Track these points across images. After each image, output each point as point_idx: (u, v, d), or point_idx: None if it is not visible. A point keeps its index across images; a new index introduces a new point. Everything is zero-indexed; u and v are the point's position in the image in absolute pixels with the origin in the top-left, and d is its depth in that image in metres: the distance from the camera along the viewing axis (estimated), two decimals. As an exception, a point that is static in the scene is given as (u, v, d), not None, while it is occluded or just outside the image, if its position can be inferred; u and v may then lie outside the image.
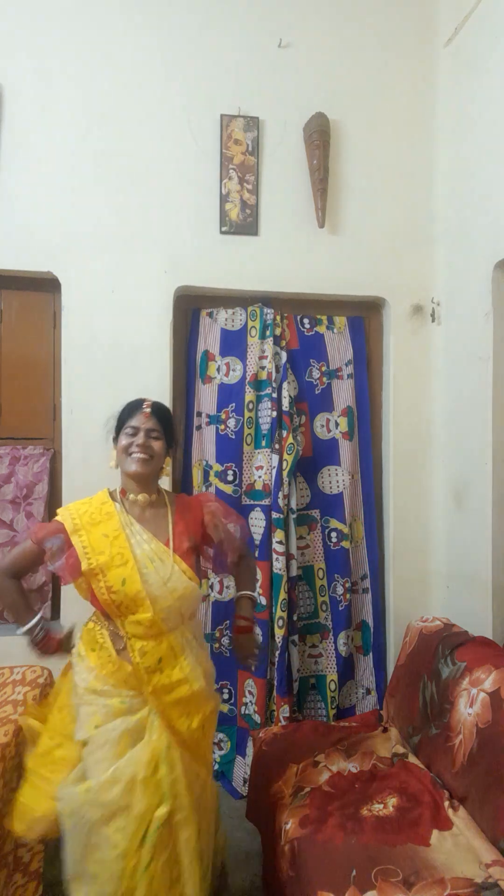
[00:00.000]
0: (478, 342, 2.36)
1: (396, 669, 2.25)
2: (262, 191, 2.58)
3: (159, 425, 1.65)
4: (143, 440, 1.61)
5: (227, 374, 2.65)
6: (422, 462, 2.69)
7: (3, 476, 2.50)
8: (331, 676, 2.63)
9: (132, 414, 1.66)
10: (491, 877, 1.44)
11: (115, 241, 2.48)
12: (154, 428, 1.63)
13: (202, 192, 2.54)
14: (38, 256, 2.43)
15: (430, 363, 2.69)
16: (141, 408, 1.65)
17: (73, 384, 2.45)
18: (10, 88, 2.41)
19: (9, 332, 2.55)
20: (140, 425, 1.63)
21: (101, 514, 1.61)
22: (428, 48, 2.68)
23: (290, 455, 2.54)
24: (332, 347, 2.72)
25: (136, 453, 1.60)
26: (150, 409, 1.64)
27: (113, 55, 2.48)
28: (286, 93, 2.59)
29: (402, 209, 2.68)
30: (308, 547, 2.68)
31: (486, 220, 2.33)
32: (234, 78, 2.56)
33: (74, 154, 2.46)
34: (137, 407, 1.66)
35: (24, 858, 1.82)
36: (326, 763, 1.94)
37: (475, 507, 2.39)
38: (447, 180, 2.64)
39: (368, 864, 1.48)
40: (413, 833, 1.61)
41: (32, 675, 2.13)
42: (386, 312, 2.73)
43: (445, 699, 1.88)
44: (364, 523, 2.73)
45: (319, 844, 1.58)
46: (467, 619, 2.27)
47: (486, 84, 2.34)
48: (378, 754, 1.98)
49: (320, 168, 2.52)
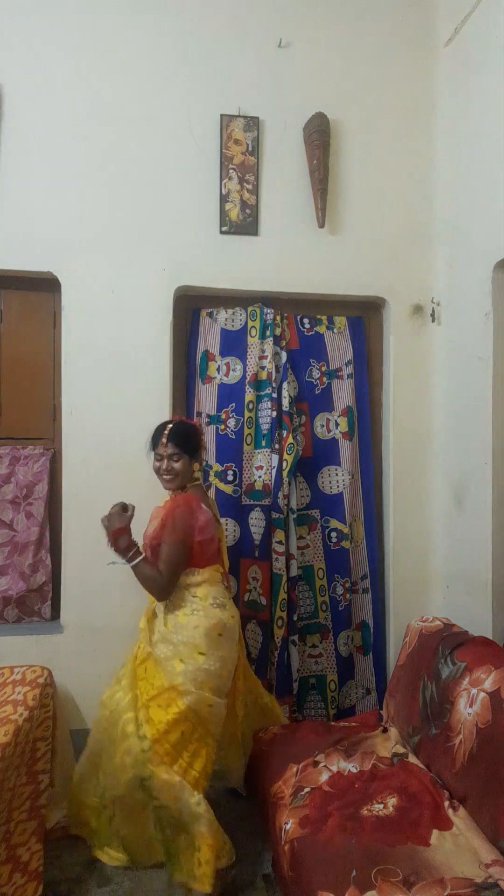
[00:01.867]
0: (478, 342, 2.36)
1: (396, 669, 2.25)
2: (262, 191, 2.58)
3: (177, 448, 2.00)
4: (166, 465, 2.02)
5: (227, 374, 2.65)
6: (422, 462, 2.69)
7: (3, 476, 2.50)
8: (331, 676, 2.63)
9: (156, 443, 2.04)
10: (491, 877, 1.44)
11: (115, 241, 2.48)
12: (174, 452, 2.00)
13: (202, 192, 2.54)
14: (38, 256, 2.43)
15: (430, 363, 2.69)
16: (160, 438, 2.02)
17: (73, 384, 2.45)
18: (10, 88, 2.41)
19: (9, 332, 2.55)
20: (162, 452, 2.02)
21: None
22: (427, 48, 2.68)
23: (290, 455, 2.54)
24: (332, 347, 2.72)
25: (163, 476, 2.04)
26: (167, 439, 2.00)
27: (113, 55, 2.48)
28: (286, 93, 2.59)
29: (402, 209, 2.68)
30: (308, 547, 2.68)
31: (486, 220, 2.33)
32: (234, 78, 2.56)
33: (74, 154, 2.46)
34: (158, 436, 2.04)
35: (23, 858, 1.82)
36: (326, 763, 1.93)
37: (475, 507, 2.39)
38: (447, 180, 2.64)
39: (368, 864, 1.48)
40: (413, 833, 1.61)
41: (32, 675, 2.13)
42: (386, 312, 2.73)
43: (445, 699, 1.88)
44: (364, 523, 2.73)
45: (319, 844, 1.58)
46: (467, 619, 2.27)
47: (485, 84, 2.34)
48: (378, 754, 1.98)
49: (320, 168, 2.52)
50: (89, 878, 1.93)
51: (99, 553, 2.41)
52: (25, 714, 1.90)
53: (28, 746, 1.94)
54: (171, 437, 2.00)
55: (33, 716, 1.96)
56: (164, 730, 1.84)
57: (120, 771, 1.86)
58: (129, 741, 1.85)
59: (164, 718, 1.85)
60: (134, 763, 1.83)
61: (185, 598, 1.99)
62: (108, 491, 2.42)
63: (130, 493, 2.10)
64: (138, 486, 2.24)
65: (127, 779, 1.84)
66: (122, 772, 1.85)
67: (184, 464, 2.01)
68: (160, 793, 1.81)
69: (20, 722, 1.85)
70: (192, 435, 2.07)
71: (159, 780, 1.81)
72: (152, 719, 1.86)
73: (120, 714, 1.92)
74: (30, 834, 1.89)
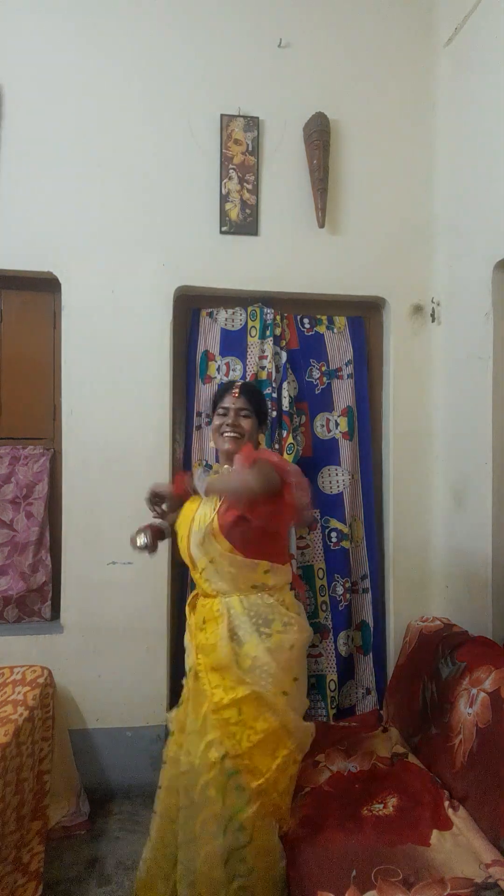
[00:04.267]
0: (478, 342, 2.36)
1: (396, 669, 2.25)
2: (262, 191, 2.58)
3: (249, 404, 1.72)
4: (233, 419, 1.70)
5: (227, 374, 2.65)
6: (422, 462, 2.69)
7: (3, 476, 2.50)
8: (331, 676, 2.63)
9: (223, 395, 1.75)
10: (491, 877, 1.44)
11: (115, 241, 2.48)
12: (244, 407, 1.71)
13: (202, 192, 2.54)
14: (38, 256, 2.43)
15: (430, 363, 2.69)
16: (231, 389, 1.75)
17: (72, 384, 2.45)
18: (10, 88, 2.41)
19: (9, 332, 2.55)
20: (230, 405, 1.72)
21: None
22: (428, 48, 2.68)
23: (290, 455, 2.54)
24: (332, 347, 2.72)
25: (228, 432, 1.70)
26: (239, 390, 1.73)
27: (113, 55, 2.48)
28: (286, 93, 2.59)
29: (402, 209, 2.68)
30: (308, 547, 2.68)
31: (486, 220, 2.32)
32: (234, 78, 2.56)
33: (74, 154, 2.46)
34: (228, 388, 1.76)
35: (23, 859, 1.82)
36: (326, 763, 1.94)
37: (475, 507, 2.39)
38: (447, 180, 2.63)
39: (368, 864, 1.48)
40: (413, 833, 1.61)
41: (32, 675, 2.14)
42: (386, 312, 2.73)
43: (445, 699, 1.88)
44: (364, 523, 2.73)
45: (319, 844, 1.58)
46: (467, 619, 2.27)
47: (485, 84, 2.33)
48: (378, 754, 1.98)
49: (320, 168, 2.52)
50: (89, 878, 1.94)
51: (99, 553, 2.43)
52: (25, 714, 1.90)
53: (34, 746, 1.94)
54: (244, 391, 1.74)
55: (33, 716, 1.96)
56: (274, 778, 1.52)
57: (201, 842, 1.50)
58: (214, 807, 1.50)
59: (271, 765, 1.52)
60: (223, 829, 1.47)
61: (273, 608, 1.62)
62: (108, 491, 2.43)
63: (130, 493, 2.09)
64: (138, 486, 2.23)
65: (208, 852, 1.48)
66: (202, 843, 1.50)
67: (251, 425, 1.71)
68: (257, 860, 1.50)
69: (20, 722, 1.85)
70: (264, 399, 1.85)
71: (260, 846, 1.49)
72: (258, 769, 1.51)
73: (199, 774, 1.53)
74: (34, 834, 1.89)
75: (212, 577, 1.65)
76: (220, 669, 1.55)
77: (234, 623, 1.60)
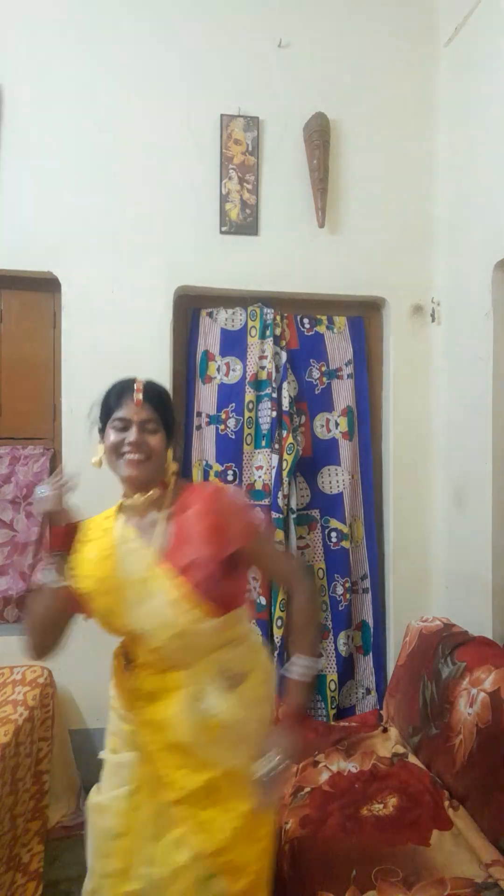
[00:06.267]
0: (478, 342, 2.36)
1: (396, 669, 2.25)
2: (262, 191, 2.58)
3: (155, 413, 1.26)
4: (137, 436, 1.24)
5: (227, 374, 2.65)
6: (422, 462, 2.69)
7: (3, 476, 2.50)
8: (331, 676, 2.63)
9: (121, 402, 1.26)
10: (491, 877, 1.44)
11: (115, 241, 2.48)
12: (149, 419, 1.25)
13: (202, 191, 2.54)
14: (38, 256, 2.43)
15: (430, 363, 2.69)
16: (131, 394, 1.25)
17: (73, 384, 2.45)
18: (10, 88, 2.41)
19: (9, 332, 2.55)
20: (131, 417, 1.24)
21: (98, 530, 1.35)
22: (428, 48, 2.68)
23: (289, 455, 2.54)
24: (332, 347, 2.72)
25: (129, 454, 1.24)
26: (143, 395, 1.25)
27: (113, 55, 2.48)
28: (286, 93, 2.59)
29: (402, 209, 2.68)
30: (308, 547, 2.68)
31: (486, 220, 2.32)
32: (234, 78, 2.56)
33: (74, 154, 2.46)
34: (127, 392, 1.26)
35: (23, 858, 1.83)
36: (326, 763, 1.94)
37: (475, 508, 2.39)
38: (447, 180, 2.64)
39: (368, 864, 1.48)
40: (413, 833, 1.61)
41: (32, 675, 2.14)
42: (386, 312, 2.73)
43: (445, 699, 1.88)
44: (364, 523, 2.73)
45: (319, 844, 1.58)
46: (467, 619, 2.27)
47: (486, 84, 2.33)
48: (378, 754, 1.98)
49: (320, 168, 2.52)
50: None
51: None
52: (25, 714, 1.90)
53: (33, 747, 1.94)
54: (148, 397, 1.26)
55: (34, 716, 1.96)
56: (257, 869, 1.21)
57: None
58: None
59: (254, 853, 1.21)
60: None
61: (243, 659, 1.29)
62: (108, 491, 2.42)
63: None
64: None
65: None
66: None
67: (160, 442, 1.26)
68: None
69: (20, 722, 1.85)
70: (171, 404, 1.34)
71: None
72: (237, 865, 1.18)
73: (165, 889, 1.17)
74: (33, 834, 1.89)
75: (173, 654, 1.23)
76: (182, 747, 1.19)
77: (200, 688, 1.22)
